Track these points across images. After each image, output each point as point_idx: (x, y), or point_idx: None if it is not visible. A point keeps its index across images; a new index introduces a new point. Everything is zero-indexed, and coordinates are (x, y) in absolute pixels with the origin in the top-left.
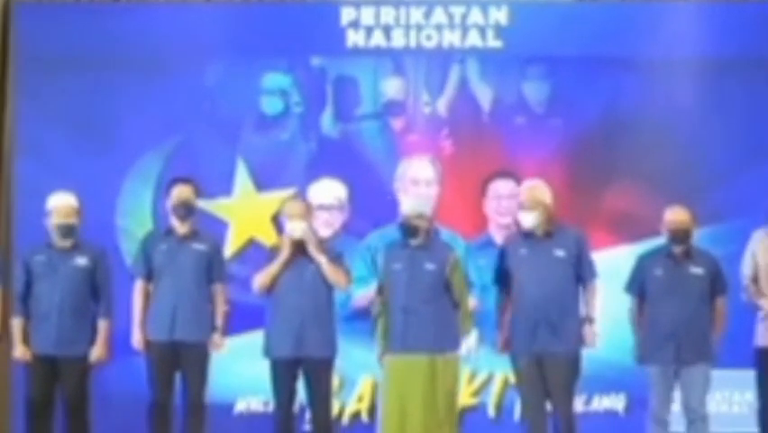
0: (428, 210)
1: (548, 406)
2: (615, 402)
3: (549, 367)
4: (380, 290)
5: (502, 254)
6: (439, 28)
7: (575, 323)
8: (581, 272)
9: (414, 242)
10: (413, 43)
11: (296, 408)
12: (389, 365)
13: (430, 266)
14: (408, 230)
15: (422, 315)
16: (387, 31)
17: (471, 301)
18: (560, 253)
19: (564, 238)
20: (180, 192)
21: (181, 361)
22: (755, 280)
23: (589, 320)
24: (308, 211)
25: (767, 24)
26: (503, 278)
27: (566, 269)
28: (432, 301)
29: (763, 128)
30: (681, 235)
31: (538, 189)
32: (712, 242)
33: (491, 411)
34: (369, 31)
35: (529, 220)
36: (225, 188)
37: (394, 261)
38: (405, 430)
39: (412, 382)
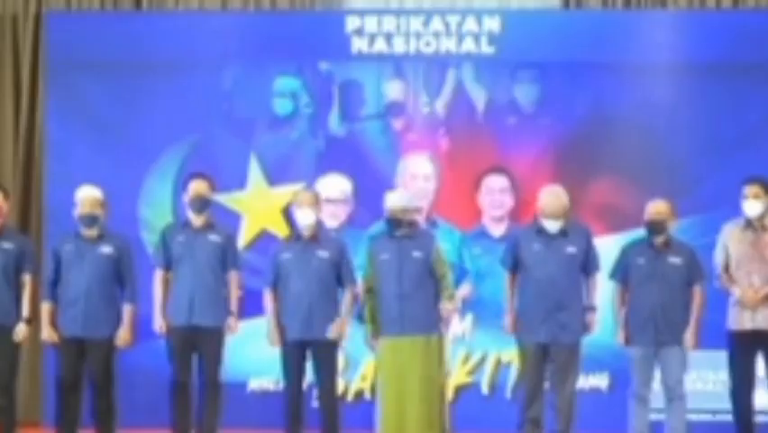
0: (411, 203)
1: (546, 385)
2: (599, 381)
3: (555, 353)
4: (366, 279)
5: (515, 243)
6: (437, 35)
7: (580, 313)
8: (587, 265)
9: (399, 233)
10: (412, 49)
11: (304, 386)
12: (388, 348)
13: (417, 254)
14: (394, 222)
15: (414, 300)
16: (388, 38)
17: (466, 287)
18: (571, 249)
19: (575, 235)
20: (196, 187)
21: (198, 343)
22: (727, 268)
23: (591, 309)
24: (317, 201)
25: (735, 31)
26: (513, 264)
27: (576, 264)
28: (421, 287)
29: (733, 128)
30: (656, 227)
31: (562, 198)
32: (690, 232)
33: (485, 389)
34: (372, 38)
35: (554, 227)
36: (240, 182)
37: (381, 252)
38: (404, 409)
39: (411, 362)
